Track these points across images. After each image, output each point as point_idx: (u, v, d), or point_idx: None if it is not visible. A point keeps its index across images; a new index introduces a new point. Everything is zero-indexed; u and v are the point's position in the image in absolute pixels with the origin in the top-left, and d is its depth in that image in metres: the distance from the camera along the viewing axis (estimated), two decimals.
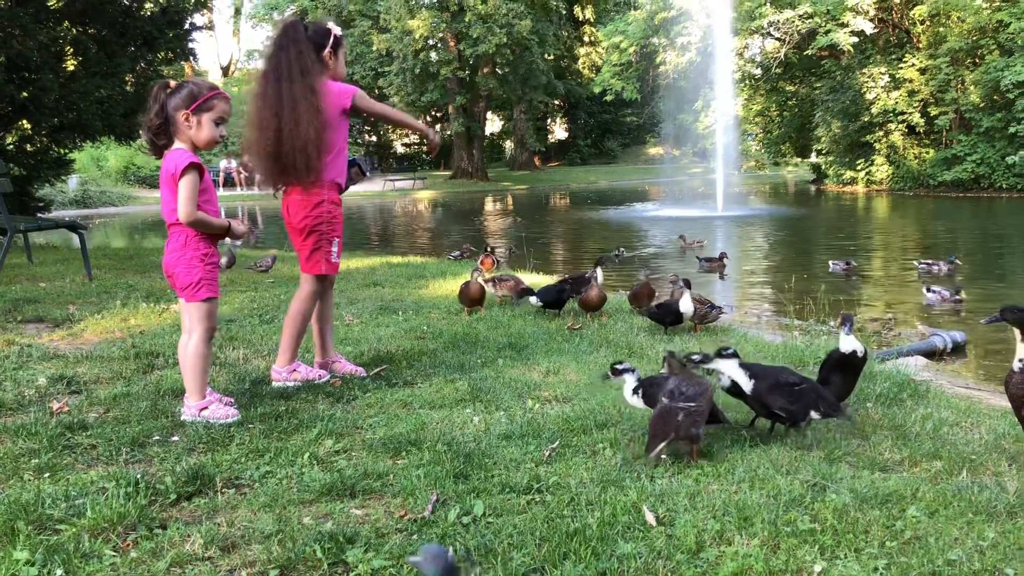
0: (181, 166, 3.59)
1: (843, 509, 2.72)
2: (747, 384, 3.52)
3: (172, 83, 3.72)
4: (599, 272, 6.49)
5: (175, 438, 3.48)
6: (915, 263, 11.71)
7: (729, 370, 3.57)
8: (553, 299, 6.22)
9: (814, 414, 3.50)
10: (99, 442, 3.38)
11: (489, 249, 10.23)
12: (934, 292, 8.90)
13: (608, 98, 38.84)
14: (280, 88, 4.02)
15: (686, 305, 5.64)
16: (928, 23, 29.72)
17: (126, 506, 2.68)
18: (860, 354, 3.82)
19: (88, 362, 4.76)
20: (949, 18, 28.76)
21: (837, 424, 3.66)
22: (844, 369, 3.84)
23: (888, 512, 2.72)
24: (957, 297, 8.78)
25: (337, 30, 4.28)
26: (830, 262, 11.80)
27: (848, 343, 3.78)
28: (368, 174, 4.54)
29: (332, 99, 4.15)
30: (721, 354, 3.63)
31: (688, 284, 5.81)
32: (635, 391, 3.59)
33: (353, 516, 2.74)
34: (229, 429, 3.55)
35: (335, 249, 4.30)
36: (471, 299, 6.29)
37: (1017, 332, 3.25)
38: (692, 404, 3.23)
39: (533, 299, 6.25)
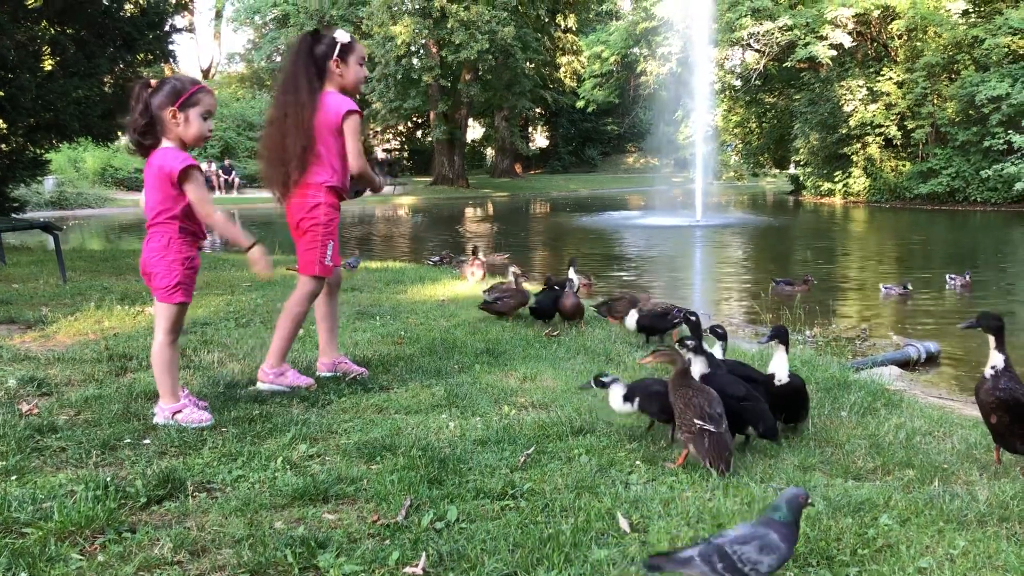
0: (178, 169, 3.54)
1: (816, 517, 2.73)
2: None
3: (153, 81, 3.66)
4: (573, 274, 6.37)
5: (147, 441, 3.44)
6: (947, 277, 11.64)
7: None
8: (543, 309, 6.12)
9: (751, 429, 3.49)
10: (69, 445, 3.33)
11: (473, 250, 10.17)
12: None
13: (589, 109, 38.94)
14: (280, 100, 4.18)
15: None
16: (905, 37, 30.05)
17: (94, 509, 2.64)
18: (777, 380, 3.70)
19: (60, 364, 4.70)
20: (926, 33, 29.10)
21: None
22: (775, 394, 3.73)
23: (860, 520, 2.74)
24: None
25: (344, 37, 4.24)
26: (882, 286, 11.08)
27: (773, 364, 3.72)
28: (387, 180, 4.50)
29: (326, 114, 4.14)
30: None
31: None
32: (626, 398, 3.58)
33: (325, 521, 2.71)
34: (202, 433, 3.52)
35: (329, 252, 4.29)
36: (568, 313, 6.05)
37: (991, 339, 3.29)
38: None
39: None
